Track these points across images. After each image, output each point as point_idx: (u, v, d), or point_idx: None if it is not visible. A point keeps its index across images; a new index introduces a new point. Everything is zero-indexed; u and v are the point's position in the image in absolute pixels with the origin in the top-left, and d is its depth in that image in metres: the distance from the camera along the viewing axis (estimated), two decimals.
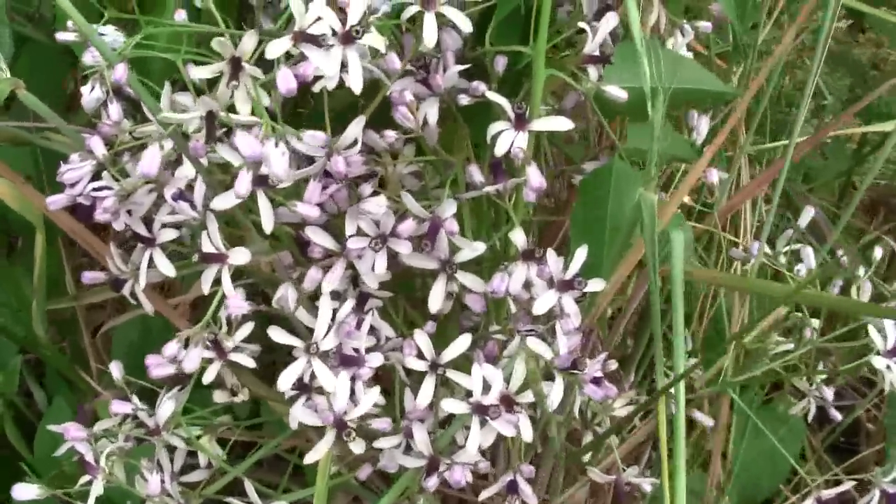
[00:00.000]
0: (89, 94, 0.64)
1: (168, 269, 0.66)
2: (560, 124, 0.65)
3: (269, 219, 0.62)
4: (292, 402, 0.66)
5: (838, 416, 0.83)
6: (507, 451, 0.75)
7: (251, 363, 0.67)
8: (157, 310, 0.72)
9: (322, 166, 0.62)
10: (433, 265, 0.66)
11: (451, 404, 0.65)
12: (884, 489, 0.78)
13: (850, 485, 0.77)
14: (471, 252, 0.66)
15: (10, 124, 0.73)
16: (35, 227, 0.78)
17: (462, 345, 0.66)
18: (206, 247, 0.64)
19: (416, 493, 0.68)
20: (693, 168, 0.74)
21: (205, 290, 0.65)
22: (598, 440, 0.79)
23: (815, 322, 0.77)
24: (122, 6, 0.66)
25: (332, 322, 0.65)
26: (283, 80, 0.57)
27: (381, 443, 0.67)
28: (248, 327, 0.67)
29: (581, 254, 0.65)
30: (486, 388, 0.65)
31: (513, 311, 0.67)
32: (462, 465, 0.66)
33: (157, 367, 0.66)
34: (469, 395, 0.65)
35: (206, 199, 0.63)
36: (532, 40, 0.64)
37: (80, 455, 0.69)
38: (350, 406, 0.65)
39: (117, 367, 0.71)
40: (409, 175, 0.70)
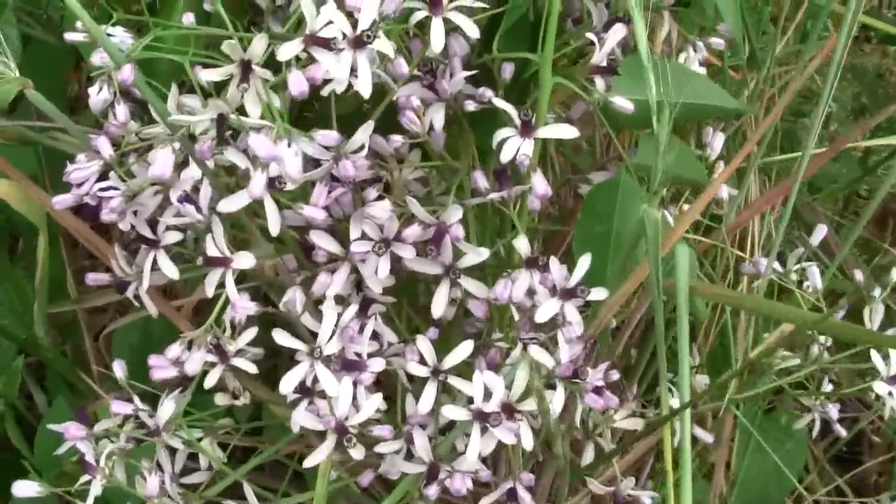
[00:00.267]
0: (97, 95, 0.64)
1: (172, 271, 0.66)
2: (565, 132, 0.65)
3: (275, 221, 0.62)
4: (294, 406, 0.66)
5: (843, 431, 0.82)
6: (507, 458, 0.74)
7: (253, 368, 0.67)
8: (161, 312, 0.72)
9: (329, 169, 0.62)
10: (437, 270, 0.66)
11: (453, 411, 0.65)
12: None
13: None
14: (475, 257, 0.66)
15: (17, 123, 0.73)
16: (37, 228, 0.78)
17: (464, 351, 0.66)
18: (211, 250, 0.64)
19: (416, 500, 0.68)
20: (706, 190, 0.73)
21: (209, 293, 0.64)
22: (605, 458, 0.78)
23: (822, 337, 0.77)
24: (130, 8, 0.66)
25: (336, 326, 0.65)
26: (296, 82, 0.57)
27: (382, 448, 0.67)
28: (252, 331, 0.67)
29: (584, 262, 0.65)
30: (488, 395, 0.65)
31: (516, 318, 0.67)
32: (463, 473, 0.66)
33: (159, 370, 0.66)
34: (470, 401, 0.65)
35: (212, 202, 0.63)
36: (540, 48, 0.64)
37: (80, 455, 0.69)
38: (352, 411, 0.65)
39: (120, 367, 0.71)
40: (414, 180, 0.70)
